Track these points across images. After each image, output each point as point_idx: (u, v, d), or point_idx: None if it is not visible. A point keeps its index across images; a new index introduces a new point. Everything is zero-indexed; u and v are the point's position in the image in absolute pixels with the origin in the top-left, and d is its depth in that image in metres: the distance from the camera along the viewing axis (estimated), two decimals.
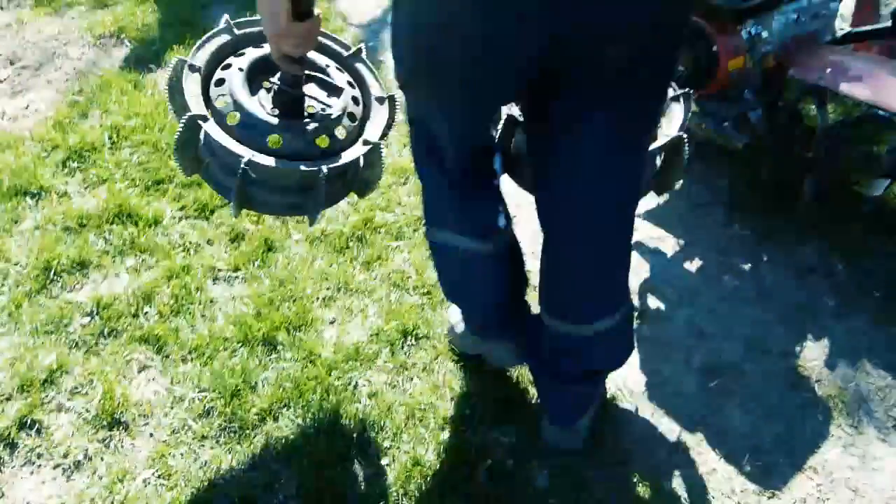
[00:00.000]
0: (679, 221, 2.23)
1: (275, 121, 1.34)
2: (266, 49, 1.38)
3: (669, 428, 1.71)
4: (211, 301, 1.95)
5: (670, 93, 1.59)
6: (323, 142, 1.36)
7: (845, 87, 1.96)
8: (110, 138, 2.43)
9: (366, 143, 1.40)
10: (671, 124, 1.56)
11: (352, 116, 1.42)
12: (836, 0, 2.18)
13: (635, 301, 1.99)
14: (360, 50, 1.54)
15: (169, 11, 3.20)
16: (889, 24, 2.25)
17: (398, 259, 2.11)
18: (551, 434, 1.64)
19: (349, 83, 1.47)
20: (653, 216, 2.25)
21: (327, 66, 1.47)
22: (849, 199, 2.14)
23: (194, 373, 1.76)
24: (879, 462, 1.63)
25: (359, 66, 1.53)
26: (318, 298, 1.97)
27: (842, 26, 2.38)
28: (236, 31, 1.46)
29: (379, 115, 1.48)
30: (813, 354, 1.86)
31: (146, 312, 1.91)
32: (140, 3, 3.25)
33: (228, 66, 1.40)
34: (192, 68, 1.40)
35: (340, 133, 1.39)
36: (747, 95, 2.10)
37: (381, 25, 3.32)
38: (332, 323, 1.93)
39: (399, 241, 2.16)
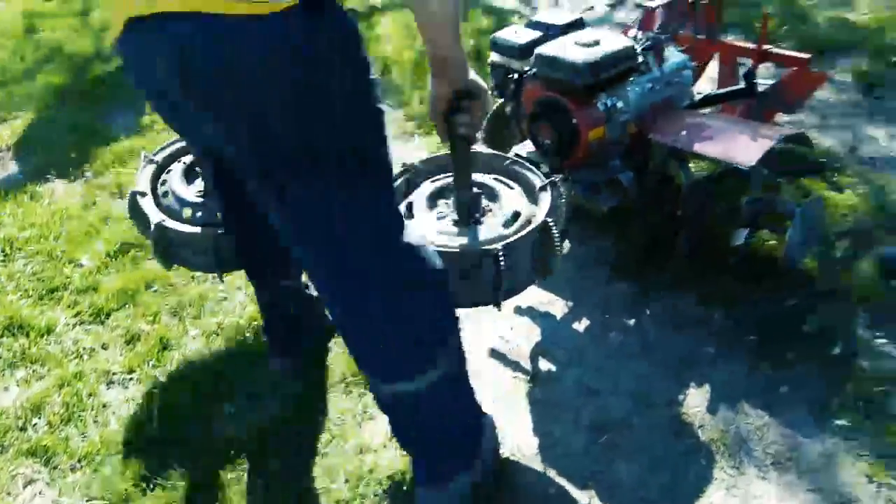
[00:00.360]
0: (566, 284, 2.33)
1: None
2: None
3: (561, 488, 1.74)
4: (104, 406, 1.94)
5: (538, 181, 1.72)
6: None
7: (699, 147, 2.11)
8: (3, 251, 2.43)
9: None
10: (540, 210, 1.66)
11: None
12: (688, 69, 2.36)
13: (527, 365, 2.06)
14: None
15: (69, 121, 3.25)
16: (743, 85, 2.46)
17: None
18: (422, 499, 1.60)
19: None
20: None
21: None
22: (719, 251, 2.27)
23: (83, 481, 1.74)
24: (759, 500, 1.69)
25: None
26: (213, 394, 1.97)
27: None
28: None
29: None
30: (695, 402, 1.93)
31: (35, 424, 1.88)
32: (38, 114, 3.29)
33: None
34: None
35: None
36: (614, 161, 2.24)
37: None
38: (230, 416, 1.93)
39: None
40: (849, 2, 3.84)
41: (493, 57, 2.40)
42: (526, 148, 2.25)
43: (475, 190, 1.65)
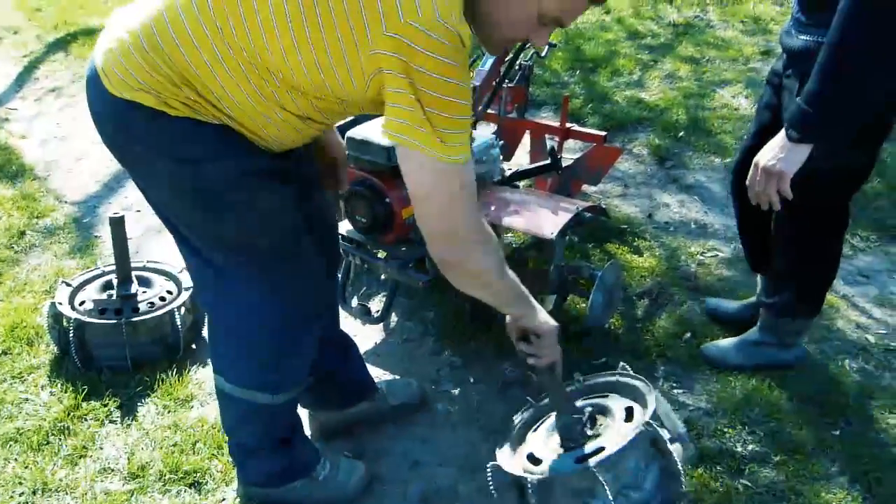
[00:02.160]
0: (395, 358, 2.36)
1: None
2: None
3: None
4: None
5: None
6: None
7: (507, 220, 2.24)
8: None
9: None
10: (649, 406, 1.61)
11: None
12: (495, 147, 2.52)
13: (354, 443, 2.05)
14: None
15: None
16: (549, 161, 2.65)
17: (107, 446, 2.01)
18: None
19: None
20: (371, 356, 2.36)
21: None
22: None
23: None
24: None
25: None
26: None
27: None
28: None
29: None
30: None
31: None
32: None
33: None
34: None
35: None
36: None
37: (99, 201, 3.29)
38: None
39: (110, 424, 2.07)
40: (642, 83, 4.28)
41: None
42: (346, 226, 2.29)
43: (575, 414, 1.64)
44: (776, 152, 1.72)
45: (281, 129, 1.42)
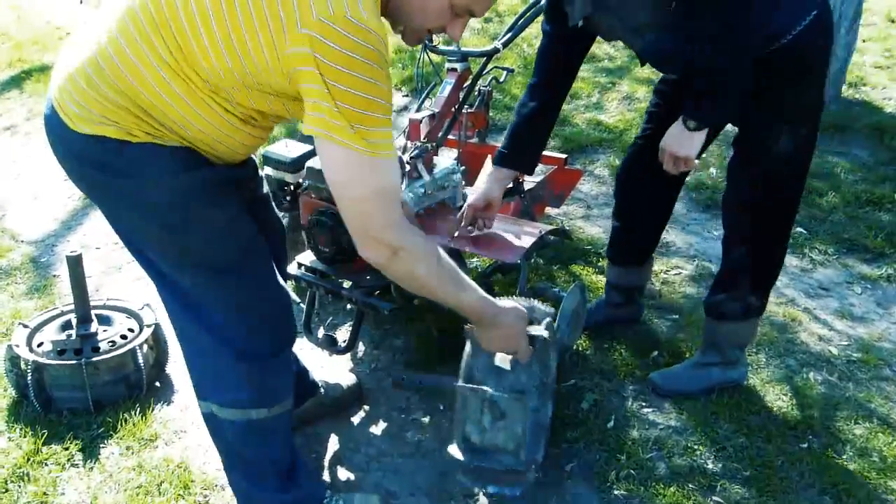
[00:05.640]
0: (363, 387, 2.33)
1: None
2: None
3: None
4: None
5: None
6: None
7: (471, 246, 2.25)
8: None
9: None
10: None
11: None
12: (456, 172, 2.53)
13: (326, 476, 2.02)
14: None
15: None
16: (510, 185, 2.67)
17: (70, 491, 1.95)
18: None
19: None
20: None
21: None
22: None
23: None
24: None
25: None
26: None
27: None
28: None
29: None
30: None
31: None
32: None
33: None
34: None
35: None
36: None
37: (56, 239, 3.22)
38: None
39: (72, 468, 2.01)
40: (601, 106, 4.35)
41: (267, 170, 2.42)
42: (309, 257, 2.28)
43: None
44: (680, 140, 1.94)
45: (234, 137, 1.46)
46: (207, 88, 1.37)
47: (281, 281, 1.70)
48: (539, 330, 1.77)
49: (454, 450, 1.82)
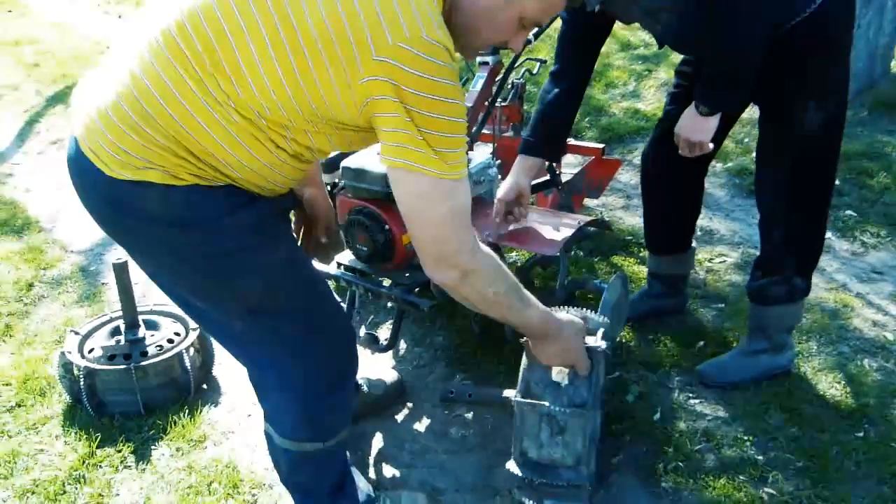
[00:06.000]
0: (406, 385, 2.34)
1: None
2: None
3: None
4: None
5: None
6: None
7: (509, 240, 2.24)
8: None
9: None
10: None
11: None
12: (492, 167, 2.52)
13: (371, 474, 2.03)
14: None
15: None
16: (548, 177, 2.65)
17: (124, 492, 1.99)
18: None
19: None
20: None
21: None
22: None
23: None
24: None
25: None
26: None
27: None
28: None
29: None
30: None
31: None
32: None
33: None
34: None
35: None
36: None
37: (104, 248, 3.30)
38: None
39: (126, 470, 2.06)
40: (637, 94, 4.29)
41: None
42: (347, 256, 2.29)
43: None
44: (693, 125, 1.98)
45: (282, 173, 1.37)
46: (262, 124, 1.27)
47: (342, 314, 1.65)
48: (597, 341, 1.73)
49: (512, 465, 1.79)
